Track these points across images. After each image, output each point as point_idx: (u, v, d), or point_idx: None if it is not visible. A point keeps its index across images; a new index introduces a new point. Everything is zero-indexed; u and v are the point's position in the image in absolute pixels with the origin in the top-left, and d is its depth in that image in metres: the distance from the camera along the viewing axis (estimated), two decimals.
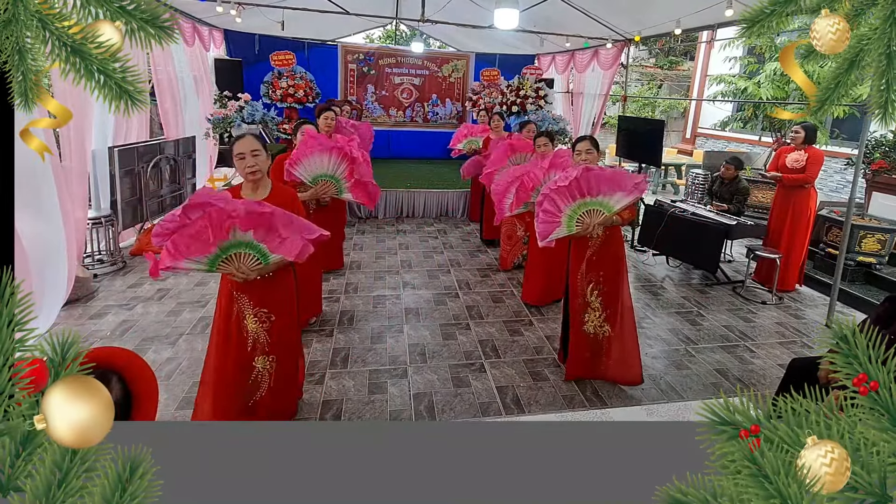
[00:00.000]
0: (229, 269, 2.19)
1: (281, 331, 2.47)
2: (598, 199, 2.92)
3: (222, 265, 2.18)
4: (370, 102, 9.95)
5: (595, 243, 3.09)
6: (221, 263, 2.18)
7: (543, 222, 2.96)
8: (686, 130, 12.80)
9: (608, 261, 3.12)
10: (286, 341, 2.53)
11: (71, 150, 4.21)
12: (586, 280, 3.14)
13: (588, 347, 3.21)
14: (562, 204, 2.92)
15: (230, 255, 2.18)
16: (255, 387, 2.49)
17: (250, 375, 2.46)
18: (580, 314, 3.19)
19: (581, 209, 2.93)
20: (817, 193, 4.97)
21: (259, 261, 2.22)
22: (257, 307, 2.40)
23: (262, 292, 2.39)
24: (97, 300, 4.15)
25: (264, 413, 2.54)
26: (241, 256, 2.19)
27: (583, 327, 3.19)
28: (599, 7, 6.49)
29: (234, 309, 2.39)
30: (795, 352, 3.80)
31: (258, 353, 2.45)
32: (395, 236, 6.40)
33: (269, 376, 2.50)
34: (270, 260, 2.23)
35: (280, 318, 2.46)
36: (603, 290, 3.13)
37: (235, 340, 2.40)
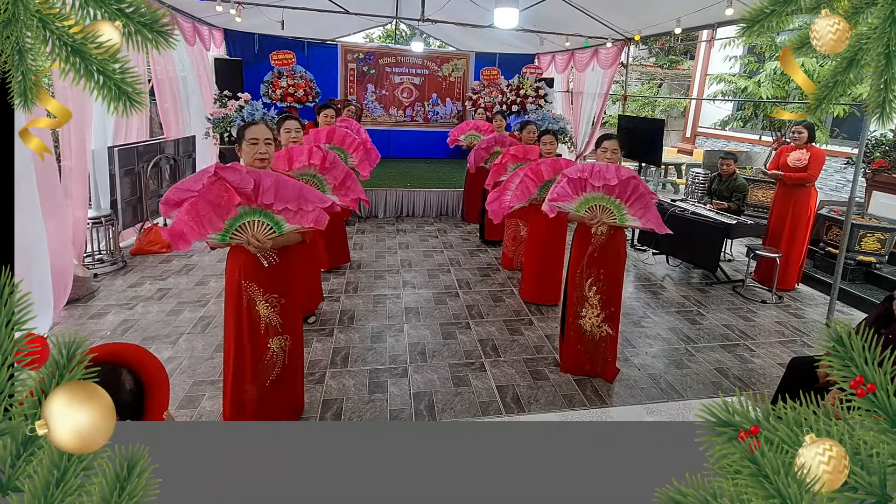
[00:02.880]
0: (242, 238, 2.23)
1: (290, 313, 2.58)
2: (618, 204, 2.97)
3: (235, 235, 2.22)
4: (370, 102, 9.95)
5: (598, 240, 3.11)
6: (235, 232, 2.21)
7: (561, 193, 2.98)
8: (686, 130, 12.79)
9: (610, 260, 3.13)
10: (295, 321, 2.65)
11: (71, 150, 4.21)
12: (585, 275, 3.16)
13: (581, 341, 3.25)
14: (587, 190, 2.96)
15: (243, 224, 2.21)
16: (272, 366, 2.58)
17: (266, 356, 2.55)
18: (576, 307, 3.23)
19: (599, 202, 2.97)
20: (817, 192, 4.97)
21: (273, 230, 2.27)
22: (267, 293, 2.47)
23: (270, 278, 2.46)
24: (97, 300, 4.15)
25: (281, 397, 2.66)
26: (254, 225, 2.23)
27: (578, 321, 3.23)
28: (599, 6, 6.48)
29: (244, 298, 2.45)
30: (795, 351, 3.81)
31: (272, 334, 2.54)
32: (395, 236, 6.40)
33: (283, 354, 2.60)
34: (284, 229, 2.28)
35: (288, 300, 2.55)
36: (602, 287, 3.14)
37: (248, 326, 2.48)
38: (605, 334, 3.20)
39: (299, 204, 2.29)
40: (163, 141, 6.05)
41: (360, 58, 9.76)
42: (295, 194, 2.29)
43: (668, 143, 12.37)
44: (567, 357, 3.34)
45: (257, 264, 2.39)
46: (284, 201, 2.26)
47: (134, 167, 5.20)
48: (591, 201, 2.98)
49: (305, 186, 2.36)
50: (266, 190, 2.21)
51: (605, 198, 2.97)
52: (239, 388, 2.54)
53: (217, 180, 2.14)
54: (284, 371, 2.62)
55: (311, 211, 2.31)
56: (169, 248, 5.34)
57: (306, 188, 2.35)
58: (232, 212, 2.18)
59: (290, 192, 2.27)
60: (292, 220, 2.29)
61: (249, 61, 8.53)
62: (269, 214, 2.25)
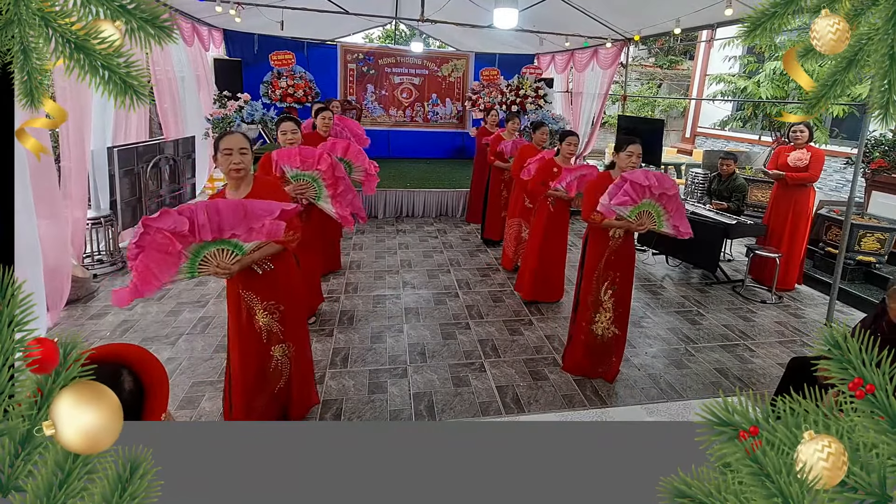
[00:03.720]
0: (209, 270, 2.15)
1: (292, 318, 2.56)
2: (661, 211, 3.00)
3: (201, 268, 2.14)
4: (370, 102, 9.95)
5: (616, 243, 3.13)
6: (200, 267, 2.14)
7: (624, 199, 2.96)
8: (686, 130, 12.80)
9: (624, 261, 3.17)
10: (298, 328, 2.63)
11: (70, 151, 4.20)
12: (602, 279, 3.17)
13: (588, 345, 3.25)
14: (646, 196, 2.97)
15: (205, 257, 2.14)
16: (278, 374, 2.57)
17: (270, 364, 2.53)
18: (590, 312, 3.22)
19: (648, 208, 2.99)
20: (816, 192, 4.98)
21: (235, 254, 2.18)
22: (265, 300, 2.46)
23: (268, 285, 2.44)
24: (97, 300, 4.14)
25: (292, 397, 2.65)
26: (217, 254, 2.16)
27: (591, 326, 3.23)
28: (599, 6, 6.49)
29: (244, 307, 2.44)
30: (795, 351, 3.81)
31: (274, 342, 2.52)
32: (394, 236, 6.40)
33: (289, 362, 2.58)
34: (246, 249, 2.19)
35: (289, 306, 2.53)
36: (616, 290, 3.17)
37: (250, 335, 2.47)
38: (611, 335, 3.22)
39: (247, 224, 2.18)
40: (162, 141, 6.04)
41: (359, 58, 9.76)
42: (237, 218, 2.17)
43: (667, 143, 12.37)
44: (570, 359, 3.36)
45: (252, 273, 2.37)
46: (229, 228, 2.16)
47: (133, 167, 5.19)
48: (643, 207, 2.99)
49: (247, 203, 2.21)
50: (202, 226, 2.11)
51: (654, 205, 2.99)
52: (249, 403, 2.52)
53: (153, 231, 2.05)
54: (292, 380, 2.62)
55: (261, 227, 2.20)
56: None
57: (249, 204, 2.21)
58: (183, 255, 2.10)
59: (230, 218, 2.16)
60: (247, 239, 2.19)
61: (249, 62, 8.53)
62: (224, 241, 2.16)
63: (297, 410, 2.69)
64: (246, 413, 2.54)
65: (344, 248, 5.73)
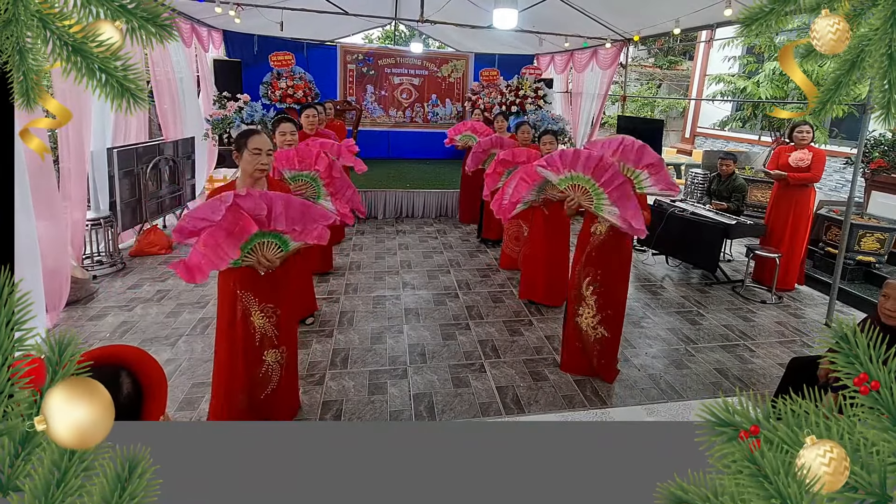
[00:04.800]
0: (253, 260, 2.22)
1: (286, 322, 2.54)
2: (598, 190, 2.85)
3: (246, 258, 2.21)
4: (369, 103, 9.95)
5: (596, 240, 3.12)
6: (246, 256, 2.21)
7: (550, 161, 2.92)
8: (685, 130, 12.81)
9: (608, 261, 3.13)
10: (291, 332, 2.61)
11: (70, 152, 4.20)
12: (583, 274, 3.18)
13: (580, 339, 3.26)
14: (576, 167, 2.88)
15: (253, 247, 2.22)
16: (266, 380, 2.53)
17: (260, 369, 2.49)
18: (574, 304, 3.25)
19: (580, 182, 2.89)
20: (816, 192, 4.98)
21: (280, 248, 2.28)
22: (263, 303, 2.43)
23: (267, 287, 2.43)
24: (97, 301, 4.14)
25: (277, 405, 2.60)
26: (264, 246, 2.24)
27: (575, 319, 3.25)
28: (598, 7, 6.49)
29: (239, 307, 2.41)
30: (795, 351, 3.81)
31: (267, 346, 2.48)
32: (394, 237, 6.40)
33: (279, 368, 2.55)
34: (290, 247, 2.30)
35: (285, 310, 2.52)
36: (599, 289, 3.13)
37: (242, 337, 2.43)
38: (600, 336, 3.18)
39: (305, 223, 2.30)
40: (162, 142, 6.04)
41: (359, 59, 9.77)
42: (301, 214, 2.29)
43: (667, 143, 12.38)
44: (566, 355, 3.36)
45: (253, 273, 2.33)
46: (293, 223, 2.27)
47: (133, 168, 5.20)
48: (574, 180, 2.89)
49: (310, 205, 2.35)
50: (278, 216, 2.21)
51: (587, 179, 2.86)
52: (230, 401, 2.48)
53: (233, 207, 2.12)
54: (280, 387, 2.58)
55: (314, 228, 2.32)
56: (169, 250, 5.34)
57: (311, 207, 2.35)
58: (244, 237, 2.17)
59: (296, 213, 2.28)
60: (297, 237, 2.30)
61: (248, 62, 8.53)
62: (278, 235, 2.26)
63: (280, 418, 2.63)
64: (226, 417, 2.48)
65: (344, 248, 5.74)
